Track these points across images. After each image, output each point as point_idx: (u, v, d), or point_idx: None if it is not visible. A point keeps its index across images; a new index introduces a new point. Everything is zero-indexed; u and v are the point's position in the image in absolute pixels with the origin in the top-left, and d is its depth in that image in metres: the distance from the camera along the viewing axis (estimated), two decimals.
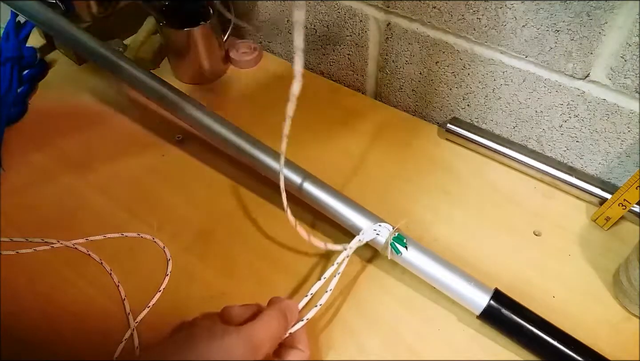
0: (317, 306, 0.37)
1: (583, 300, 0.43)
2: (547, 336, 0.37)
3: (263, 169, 0.47)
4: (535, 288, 0.43)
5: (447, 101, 0.57)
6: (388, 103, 0.63)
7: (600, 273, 0.45)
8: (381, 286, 0.44)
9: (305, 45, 0.67)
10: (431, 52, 0.54)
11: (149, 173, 0.53)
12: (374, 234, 0.42)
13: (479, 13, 0.48)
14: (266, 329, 0.33)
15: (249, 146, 0.48)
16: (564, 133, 0.51)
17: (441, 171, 0.54)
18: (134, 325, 0.41)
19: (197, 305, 0.42)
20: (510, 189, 0.52)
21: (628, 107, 0.45)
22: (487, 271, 0.44)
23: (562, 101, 0.49)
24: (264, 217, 0.49)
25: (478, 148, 0.55)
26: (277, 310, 0.35)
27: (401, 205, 0.50)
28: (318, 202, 0.45)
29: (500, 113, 0.54)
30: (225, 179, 0.53)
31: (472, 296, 0.39)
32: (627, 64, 0.43)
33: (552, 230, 0.48)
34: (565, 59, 0.46)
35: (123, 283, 0.44)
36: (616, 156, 0.49)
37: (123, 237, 0.47)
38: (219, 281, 0.44)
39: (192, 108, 0.51)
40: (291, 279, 0.44)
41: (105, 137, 0.57)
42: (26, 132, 0.57)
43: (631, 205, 0.45)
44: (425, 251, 0.41)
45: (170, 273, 0.45)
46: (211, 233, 0.48)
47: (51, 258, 0.46)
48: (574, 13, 0.42)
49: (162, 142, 0.57)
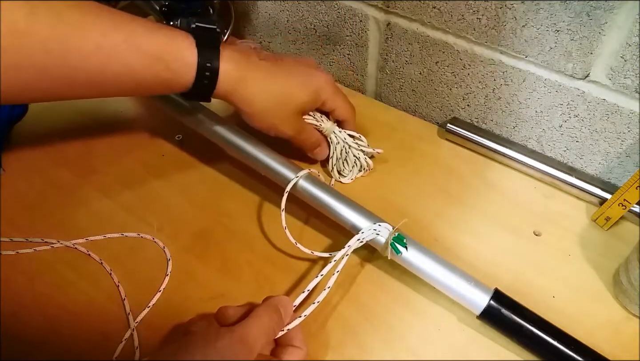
0: (315, 303, 0.37)
1: (583, 300, 0.43)
2: (547, 336, 0.37)
3: (263, 169, 0.47)
4: (535, 288, 0.43)
5: (447, 101, 0.57)
6: (388, 103, 0.63)
7: (600, 273, 0.45)
8: (381, 286, 0.44)
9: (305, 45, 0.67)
10: (431, 52, 0.54)
11: (149, 173, 0.53)
12: (374, 234, 0.42)
13: (479, 13, 0.47)
14: (258, 325, 0.33)
15: (249, 146, 0.48)
16: (564, 133, 0.51)
17: (441, 171, 0.54)
18: (134, 325, 0.41)
19: (197, 305, 0.42)
20: (510, 189, 0.52)
21: (628, 107, 0.45)
22: (487, 271, 0.44)
23: (562, 101, 0.49)
24: (264, 217, 0.49)
25: (478, 148, 0.55)
26: (268, 305, 0.35)
27: (401, 205, 0.50)
28: (318, 202, 0.45)
29: (500, 113, 0.54)
30: (225, 179, 0.53)
31: (472, 296, 0.39)
32: (627, 64, 0.43)
33: (552, 230, 0.48)
34: (565, 59, 0.46)
35: (123, 283, 0.44)
36: (616, 156, 0.49)
37: (123, 237, 0.47)
38: (219, 281, 0.44)
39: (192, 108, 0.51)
40: (291, 280, 0.44)
41: (105, 137, 0.57)
42: (26, 132, 0.57)
43: (631, 205, 0.45)
44: (425, 251, 0.41)
45: (170, 273, 0.45)
46: (211, 233, 0.48)
47: (51, 258, 0.46)
48: (574, 13, 0.42)
49: (162, 142, 0.57)
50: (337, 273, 0.40)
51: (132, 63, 0.37)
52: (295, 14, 0.63)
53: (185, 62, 0.40)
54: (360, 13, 0.57)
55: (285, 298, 0.37)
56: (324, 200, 0.44)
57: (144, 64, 0.38)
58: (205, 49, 0.40)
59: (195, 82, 0.41)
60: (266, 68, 0.44)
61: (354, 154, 0.51)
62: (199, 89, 0.41)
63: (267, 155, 0.47)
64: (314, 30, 0.63)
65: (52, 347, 0.40)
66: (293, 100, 0.46)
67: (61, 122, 0.59)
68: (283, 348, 0.36)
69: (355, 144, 0.51)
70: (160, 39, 0.38)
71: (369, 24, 0.57)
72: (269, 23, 0.67)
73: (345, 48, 0.62)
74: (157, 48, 0.38)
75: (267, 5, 0.65)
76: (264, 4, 0.65)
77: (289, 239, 0.44)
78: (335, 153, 0.51)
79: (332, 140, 0.51)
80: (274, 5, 0.64)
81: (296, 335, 0.36)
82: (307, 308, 0.37)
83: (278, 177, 0.46)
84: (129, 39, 0.37)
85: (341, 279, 0.43)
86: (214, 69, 0.41)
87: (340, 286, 0.44)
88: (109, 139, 0.57)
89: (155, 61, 0.38)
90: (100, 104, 0.61)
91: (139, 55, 0.37)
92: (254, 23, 0.69)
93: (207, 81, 0.41)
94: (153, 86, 0.40)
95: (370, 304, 0.43)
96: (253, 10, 0.67)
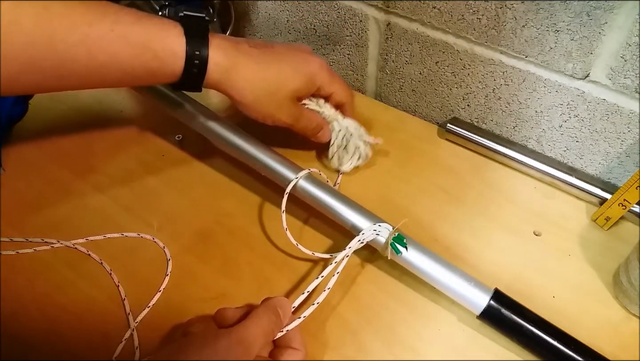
0: (314, 305, 0.37)
1: (583, 300, 0.43)
2: (547, 336, 0.37)
3: (263, 169, 0.47)
4: (535, 288, 0.43)
5: (447, 101, 0.57)
6: (388, 103, 0.63)
7: (600, 273, 0.45)
8: (381, 286, 0.44)
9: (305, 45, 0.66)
10: (431, 52, 0.54)
11: (149, 173, 0.53)
12: (374, 234, 0.42)
13: (479, 13, 0.48)
14: (256, 326, 0.33)
15: (249, 146, 0.48)
16: (564, 133, 0.51)
17: (441, 171, 0.54)
18: (134, 325, 0.41)
19: (197, 305, 0.42)
20: (510, 189, 0.52)
21: (628, 107, 0.45)
22: (487, 271, 0.44)
23: (562, 101, 0.49)
24: (264, 217, 0.49)
25: (478, 148, 0.55)
26: (267, 306, 0.35)
27: (401, 205, 0.50)
28: (318, 202, 0.45)
29: (500, 113, 0.54)
30: (225, 179, 0.53)
31: (472, 296, 0.39)
32: (627, 64, 0.43)
33: (552, 230, 0.48)
34: (565, 59, 0.46)
35: (123, 283, 0.44)
36: (616, 156, 0.49)
37: (123, 237, 0.47)
38: (219, 281, 0.44)
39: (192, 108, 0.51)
40: (291, 280, 0.44)
41: (105, 137, 0.57)
42: (26, 132, 0.57)
43: (631, 205, 0.45)
44: (425, 251, 0.41)
45: (170, 273, 0.45)
46: (211, 233, 0.48)
47: (51, 258, 0.46)
48: (574, 13, 0.42)
49: (162, 142, 0.57)
50: (338, 274, 0.40)
51: (119, 52, 0.37)
52: (295, 14, 0.63)
53: (174, 51, 0.39)
54: (360, 13, 0.57)
55: (284, 299, 0.37)
56: (324, 200, 0.44)
57: (131, 53, 0.37)
58: (194, 38, 0.40)
59: (184, 72, 0.40)
60: (257, 55, 0.44)
61: (355, 143, 0.51)
62: (188, 78, 0.41)
63: (267, 155, 0.47)
64: (314, 30, 0.63)
65: (52, 347, 0.40)
66: (286, 86, 0.45)
67: (61, 122, 0.59)
68: (282, 349, 0.36)
69: (357, 132, 0.51)
70: (147, 28, 0.38)
71: (369, 24, 0.57)
72: (269, 23, 0.67)
73: (345, 48, 0.62)
74: (145, 37, 0.38)
75: (267, 5, 0.65)
76: (264, 4, 0.65)
77: (289, 239, 0.44)
78: (337, 141, 0.51)
79: (333, 127, 0.51)
80: (274, 5, 0.64)
81: (295, 336, 0.36)
82: (306, 309, 0.37)
83: (278, 177, 0.46)
84: (115, 29, 0.36)
85: (341, 280, 0.43)
86: (203, 58, 0.40)
87: (340, 287, 0.44)
88: (109, 139, 0.57)
89: (142, 50, 0.37)
90: (101, 104, 0.61)
91: (126, 45, 0.37)
92: (254, 23, 0.69)
93: (197, 69, 0.40)
94: (141, 75, 0.39)
95: (370, 304, 0.43)
96: (253, 10, 0.67)
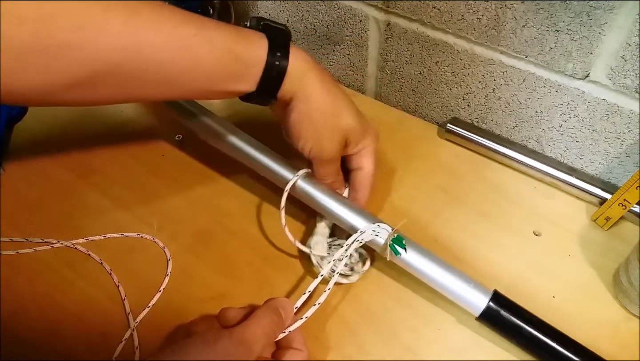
0: (316, 305, 0.37)
1: (583, 300, 0.43)
2: (546, 338, 0.37)
3: (261, 169, 0.47)
4: (535, 288, 0.43)
5: (447, 101, 0.57)
6: (388, 103, 0.63)
7: (600, 273, 0.45)
8: (380, 287, 0.44)
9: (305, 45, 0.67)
10: (431, 52, 0.54)
11: (149, 173, 0.53)
12: (373, 235, 0.42)
13: (479, 13, 0.47)
14: (258, 326, 0.33)
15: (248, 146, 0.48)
16: (564, 133, 0.51)
17: (441, 171, 0.54)
18: (134, 325, 0.41)
19: (197, 305, 0.42)
20: (510, 189, 0.52)
21: (628, 107, 0.45)
22: (487, 271, 0.44)
23: (562, 101, 0.49)
24: (264, 217, 0.49)
25: (478, 148, 0.55)
26: (268, 307, 0.35)
27: (401, 205, 0.50)
28: (317, 202, 0.45)
29: (500, 113, 0.54)
30: (225, 179, 0.53)
31: (471, 297, 0.39)
32: (627, 64, 0.43)
33: (552, 230, 0.48)
34: (565, 59, 0.46)
35: (123, 283, 0.44)
36: (616, 156, 0.49)
37: (123, 237, 0.47)
38: (219, 281, 0.44)
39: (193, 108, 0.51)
40: (291, 279, 0.45)
41: (105, 137, 0.57)
42: (26, 132, 0.57)
43: (631, 205, 0.45)
44: (425, 252, 0.41)
45: (170, 273, 0.45)
46: (211, 233, 0.48)
47: (51, 258, 0.46)
48: (574, 13, 0.42)
49: (162, 142, 0.57)
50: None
51: (202, 55, 0.37)
52: (295, 14, 0.63)
53: (255, 54, 0.39)
54: (360, 13, 0.57)
55: (286, 300, 0.37)
56: (322, 200, 0.44)
57: (214, 56, 0.37)
58: (276, 43, 0.40)
59: (263, 76, 0.40)
60: (328, 75, 0.43)
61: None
62: (266, 84, 0.40)
63: (265, 155, 0.47)
64: (314, 30, 0.63)
65: (52, 347, 0.40)
66: (343, 117, 0.43)
67: (61, 123, 0.59)
68: (284, 350, 0.36)
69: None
70: (230, 31, 0.38)
71: (369, 24, 0.57)
72: None
73: (345, 48, 0.62)
74: (228, 41, 0.38)
75: (267, 5, 0.65)
76: (264, 4, 0.65)
77: (288, 239, 0.44)
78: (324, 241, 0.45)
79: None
80: (274, 5, 0.64)
81: (296, 336, 0.36)
82: (307, 310, 0.37)
83: (277, 177, 0.46)
84: (199, 32, 0.36)
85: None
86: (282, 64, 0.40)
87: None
88: (109, 139, 0.57)
89: (225, 53, 0.38)
90: None
91: (210, 47, 0.37)
92: None
93: (276, 72, 0.40)
94: (223, 79, 0.39)
95: (370, 305, 0.43)
96: (253, 11, 0.67)
